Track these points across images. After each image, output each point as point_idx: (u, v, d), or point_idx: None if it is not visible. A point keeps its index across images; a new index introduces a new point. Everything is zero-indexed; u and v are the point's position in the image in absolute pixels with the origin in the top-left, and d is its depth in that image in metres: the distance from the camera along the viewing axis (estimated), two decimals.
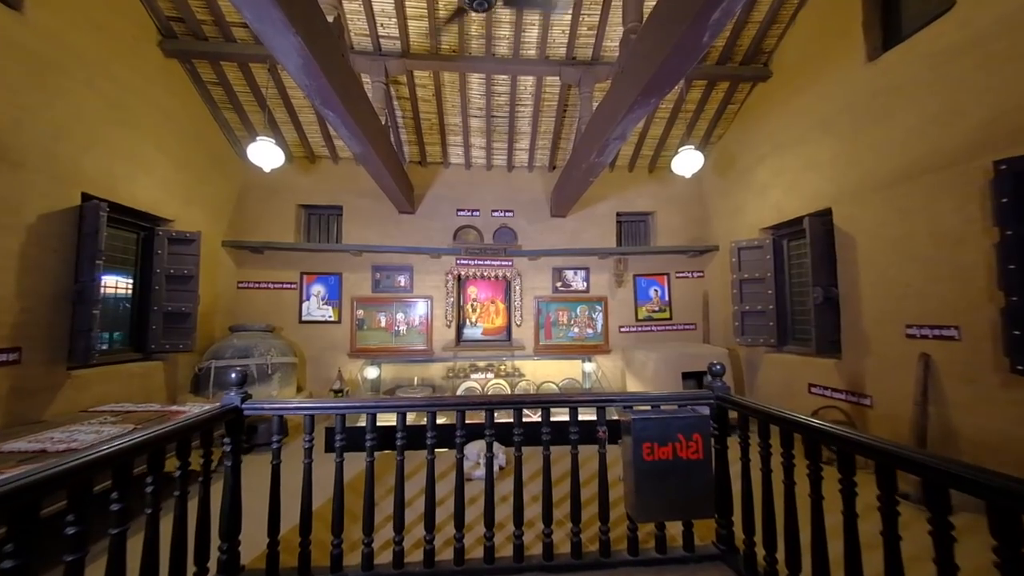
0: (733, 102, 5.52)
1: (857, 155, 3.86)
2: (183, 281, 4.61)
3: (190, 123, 4.87)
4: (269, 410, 2.28)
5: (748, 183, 5.44)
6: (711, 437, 2.33)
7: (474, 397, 2.17)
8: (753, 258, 5.19)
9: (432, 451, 2.32)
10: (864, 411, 3.78)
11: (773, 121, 4.98)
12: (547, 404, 2.38)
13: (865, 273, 3.78)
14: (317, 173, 6.09)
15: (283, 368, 5.10)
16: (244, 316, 5.77)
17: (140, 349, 4.40)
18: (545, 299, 6.19)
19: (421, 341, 5.96)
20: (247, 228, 5.86)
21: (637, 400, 2.47)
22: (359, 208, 6.06)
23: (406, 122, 5.58)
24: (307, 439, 2.30)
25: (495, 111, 5.45)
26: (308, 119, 5.51)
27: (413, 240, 6.04)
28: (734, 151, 5.72)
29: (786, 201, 4.79)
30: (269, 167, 4.35)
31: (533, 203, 6.30)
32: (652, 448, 2.26)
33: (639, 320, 6.28)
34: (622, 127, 3.36)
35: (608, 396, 2.47)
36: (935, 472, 1.31)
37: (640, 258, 6.33)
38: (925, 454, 1.41)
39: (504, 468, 3.88)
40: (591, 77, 4.68)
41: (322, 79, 2.70)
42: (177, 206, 4.70)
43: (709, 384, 2.54)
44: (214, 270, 5.42)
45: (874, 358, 3.71)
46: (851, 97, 3.91)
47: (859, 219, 3.84)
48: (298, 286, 5.92)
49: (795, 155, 4.62)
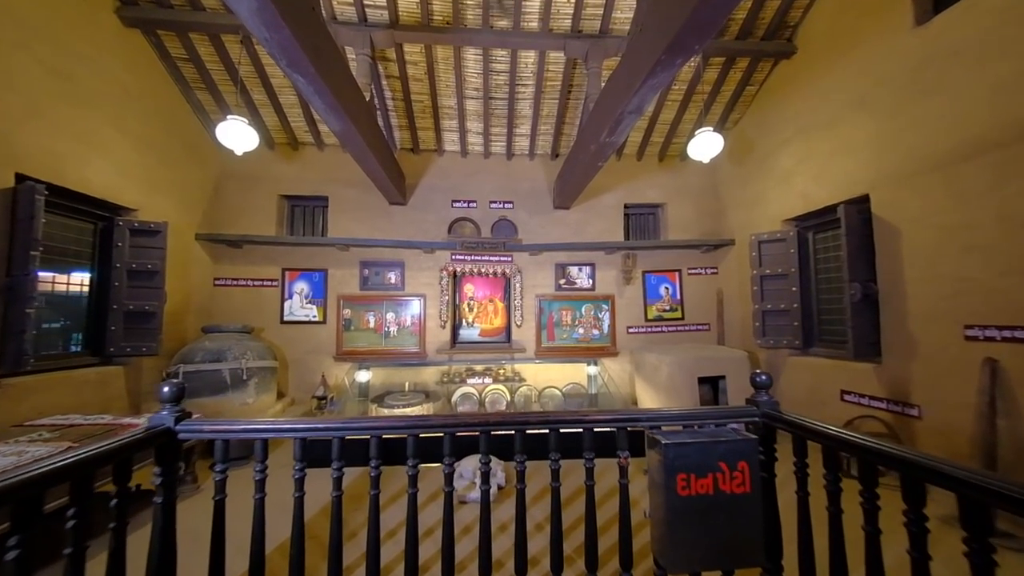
0: (752, 83, 5.08)
1: (900, 134, 3.42)
2: (147, 277, 4.15)
3: (156, 102, 4.41)
4: (210, 433, 1.82)
5: (769, 171, 5.00)
6: (759, 465, 1.89)
7: (466, 416, 1.70)
8: (775, 252, 4.75)
9: (414, 483, 1.88)
10: (910, 423, 3.34)
11: (798, 102, 4.54)
12: (556, 425, 1.93)
13: (911, 267, 3.34)
14: (300, 161, 5.64)
15: (261, 373, 4.65)
16: (221, 316, 5.31)
17: (97, 352, 3.95)
18: (547, 297, 5.74)
19: (413, 343, 5.51)
20: (224, 220, 5.40)
21: (667, 419, 2.02)
22: (346, 199, 5.60)
23: (396, 104, 5.13)
24: (259, 468, 1.85)
25: (493, 91, 5.00)
26: (289, 100, 5.05)
27: (405, 234, 5.59)
28: (752, 137, 5.28)
29: (813, 189, 4.35)
30: (241, 150, 3.89)
31: (534, 194, 5.85)
32: (689, 480, 1.81)
33: (648, 320, 5.83)
34: (639, 97, 2.91)
35: (630, 414, 2.02)
36: None
37: (650, 253, 5.88)
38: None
39: (504, 488, 3.43)
40: (599, 51, 4.23)
41: (285, 31, 2.24)
42: (140, 194, 4.24)
43: (753, 398, 2.10)
44: (187, 265, 4.97)
45: (923, 362, 3.27)
46: (893, 68, 3.47)
47: (903, 206, 3.40)
48: (280, 283, 5.46)
49: (824, 138, 4.18)
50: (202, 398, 4.28)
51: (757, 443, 1.89)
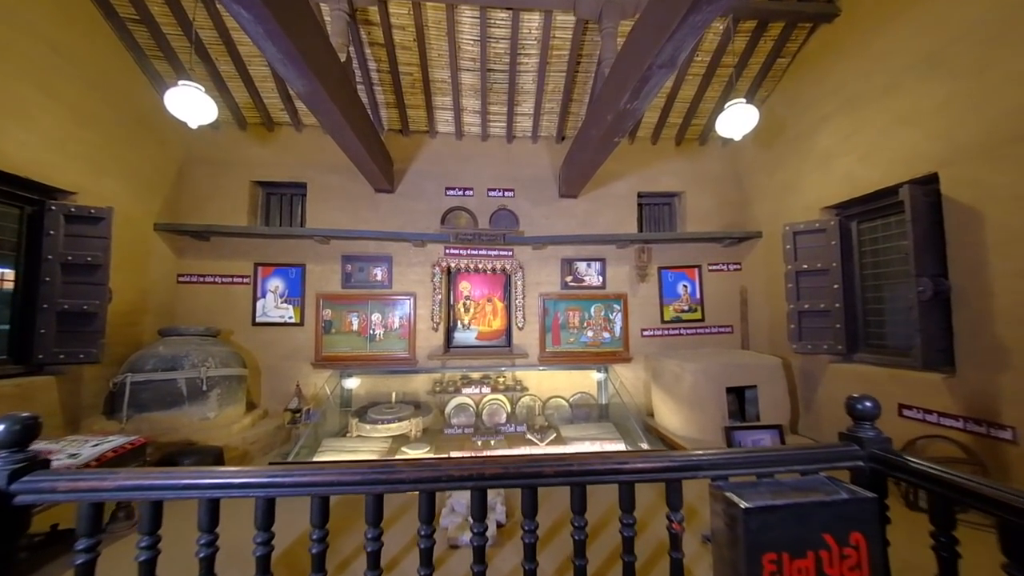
0: (783, 54, 4.50)
1: (984, 97, 2.83)
2: (87, 271, 3.54)
3: (101, 70, 3.81)
4: (68, 492, 1.22)
5: (804, 153, 4.41)
6: (880, 537, 1.31)
7: (451, 466, 1.04)
8: (813, 244, 4.17)
9: (375, 564, 1.29)
10: (1001, 448, 2.74)
11: (842, 70, 3.95)
12: (582, 477, 1.33)
13: (1002, 257, 2.75)
14: (276, 143, 5.03)
15: (225, 383, 4.05)
16: (186, 317, 4.71)
17: (23, 360, 3.34)
18: (552, 296, 5.15)
19: (402, 348, 4.91)
20: (189, 209, 4.80)
21: (737, 465, 1.43)
22: (327, 186, 5.00)
23: (382, 77, 4.53)
24: (144, 543, 1.26)
25: (492, 62, 4.40)
26: (261, 72, 4.45)
27: (393, 225, 4.99)
28: (783, 115, 4.69)
29: (861, 171, 3.76)
30: (196, 123, 3.31)
31: (538, 181, 5.26)
32: (780, 563, 1.22)
33: (665, 322, 5.24)
34: (675, 45, 2.32)
35: (685, 459, 1.42)
36: None
37: (666, 247, 5.29)
38: None
39: (504, 526, 2.83)
40: (615, 8, 3.63)
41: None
42: (81, 175, 3.64)
43: (853, 432, 1.51)
44: (143, 259, 4.36)
45: (1017, 374, 2.68)
46: (974, 19, 2.88)
47: (988, 184, 2.81)
48: (252, 280, 4.86)
49: (878, 109, 3.59)
50: (152, 412, 3.69)
51: (876, 504, 1.29)
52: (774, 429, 3.99)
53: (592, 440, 4.05)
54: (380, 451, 3.79)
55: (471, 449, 3.83)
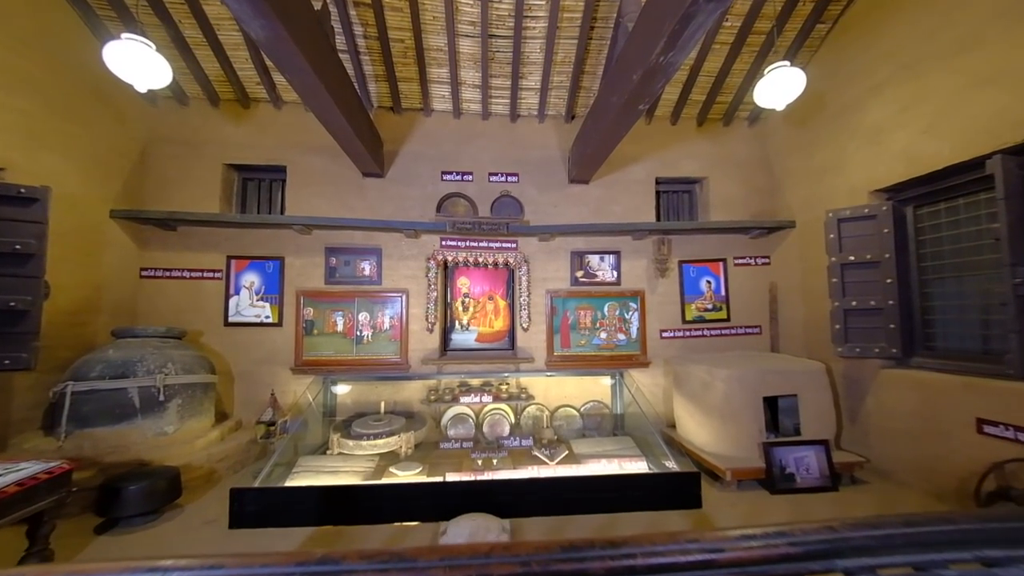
0: (824, 19, 3.97)
1: None
2: (16, 262, 3.00)
3: (37, 25, 3.29)
4: None
5: (849, 129, 3.88)
6: None
7: (437, 559, 0.39)
8: (862, 233, 3.65)
9: None
10: None
11: (897, 32, 3.43)
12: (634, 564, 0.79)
13: None
14: (252, 122, 4.50)
15: (188, 392, 3.52)
16: (150, 316, 4.19)
17: None
18: (561, 294, 4.62)
19: (393, 351, 4.37)
20: (153, 194, 4.28)
21: (889, 548, 0.88)
22: (309, 169, 4.47)
23: (369, 45, 4.00)
24: None
25: (495, 25, 3.87)
26: (233, 40, 3.92)
27: (382, 213, 4.46)
28: (822, 89, 4.15)
29: (924, 145, 3.23)
30: (145, 86, 2.79)
31: (545, 164, 4.73)
32: None
33: (687, 322, 4.70)
34: None
35: (808, 537, 0.89)
36: None
37: (688, 238, 4.76)
38: None
39: None
40: None
41: None
42: (10, 148, 3.10)
43: None
44: (96, 250, 3.83)
45: None
46: None
47: None
48: (224, 275, 4.32)
49: (948, 71, 3.06)
50: (96, 428, 3.16)
51: None
52: (820, 445, 3.48)
53: (609, 458, 3.52)
54: (364, 472, 3.25)
55: (470, 469, 3.30)
